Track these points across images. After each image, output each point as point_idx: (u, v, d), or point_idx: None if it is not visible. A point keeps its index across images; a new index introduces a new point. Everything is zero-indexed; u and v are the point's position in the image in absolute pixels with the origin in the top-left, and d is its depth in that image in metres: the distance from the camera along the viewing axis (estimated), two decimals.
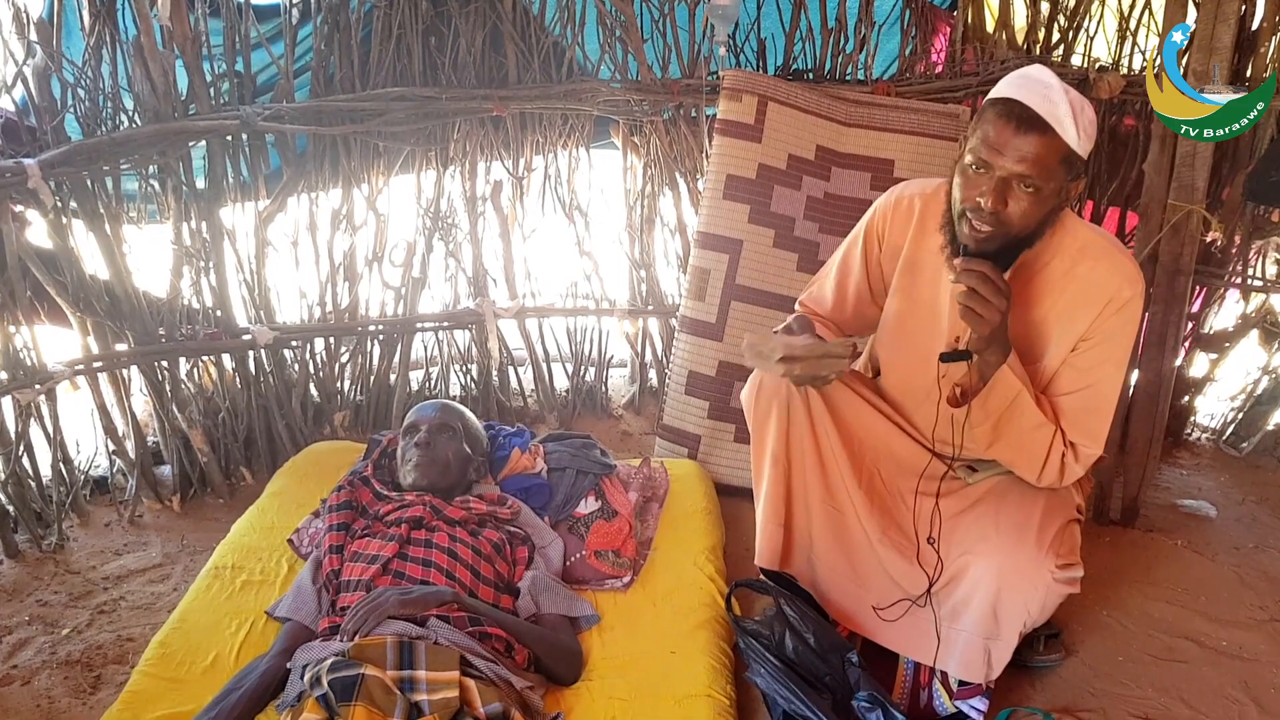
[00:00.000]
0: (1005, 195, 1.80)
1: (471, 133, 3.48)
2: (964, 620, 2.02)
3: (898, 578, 2.13)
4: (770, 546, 2.24)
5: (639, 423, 3.80)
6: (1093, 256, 1.94)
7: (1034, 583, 1.94)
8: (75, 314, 2.99)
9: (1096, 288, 1.92)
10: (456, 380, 3.78)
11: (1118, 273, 1.93)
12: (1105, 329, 1.93)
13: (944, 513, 2.10)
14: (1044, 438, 1.97)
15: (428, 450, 2.52)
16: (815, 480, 2.18)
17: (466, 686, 1.89)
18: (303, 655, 2.06)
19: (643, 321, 3.81)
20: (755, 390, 2.19)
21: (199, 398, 3.27)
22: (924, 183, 2.18)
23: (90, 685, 2.36)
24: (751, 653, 2.08)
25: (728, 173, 3.15)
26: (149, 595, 2.74)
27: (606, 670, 2.19)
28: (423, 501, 2.43)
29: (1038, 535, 1.95)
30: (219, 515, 3.17)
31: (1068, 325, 1.96)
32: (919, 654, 2.12)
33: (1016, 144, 1.77)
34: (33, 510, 2.98)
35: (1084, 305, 1.94)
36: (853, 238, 2.27)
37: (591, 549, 2.55)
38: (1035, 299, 1.99)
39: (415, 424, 2.60)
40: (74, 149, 2.83)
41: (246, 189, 3.25)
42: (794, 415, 2.15)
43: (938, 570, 2.07)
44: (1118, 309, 1.92)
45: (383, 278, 3.55)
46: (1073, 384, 1.97)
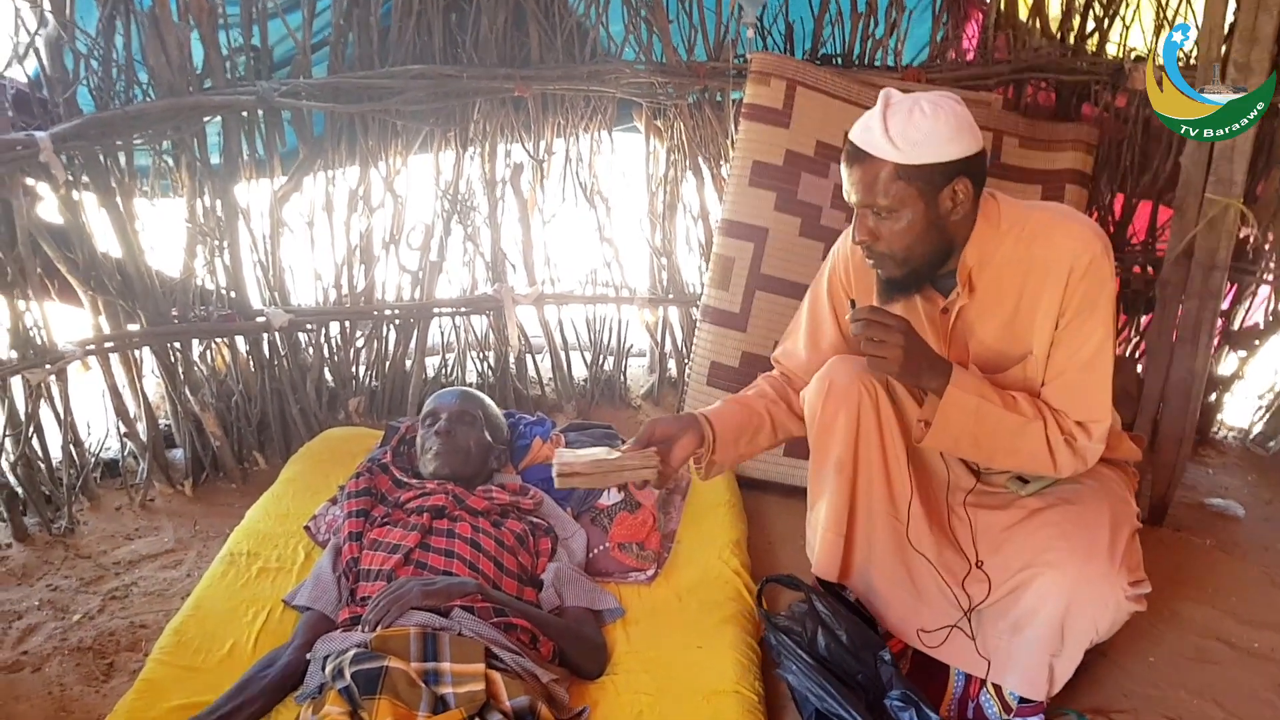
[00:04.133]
0: (868, 227, 1.89)
1: (492, 113, 3.42)
2: (1027, 634, 1.95)
3: (952, 593, 2.07)
4: (830, 557, 2.15)
5: (658, 413, 3.74)
6: (1043, 234, 1.92)
7: (1105, 599, 1.87)
8: (87, 292, 2.93)
9: (1054, 262, 1.90)
10: (473, 367, 3.72)
11: (1071, 239, 1.90)
12: (1077, 299, 1.89)
13: (997, 525, 2.04)
14: (1035, 434, 1.92)
15: (448, 439, 2.48)
16: (880, 489, 2.10)
17: (492, 679, 1.85)
18: (323, 646, 2.02)
19: (663, 310, 3.75)
20: (823, 393, 2.09)
21: (212, 380, 3.22)
22: None
23: (103, 673, 2.31)
24: (783, 649, 2.04)
25: (754, 159, 3.08)
26: (161, 581, 2.69)
27: (631, 665, 2.15)
28: (445, 490, 2.38)
29: (1109, 549, 1.88)
30: (232, 500, 3.12)
31: (1040, 309, 1.93)
32: (972, 666, 2.06)
33: (849, 177, 1.88)
34: (42, 493, 2.92)
35: (1048, 283, 1.91)
36: (816, 293, 2.26)
37: (615, 541, 2.50)
38: (1002, 295, 1.96)
39: (435, 412, 2.55)
40: (87, 122, 2.76)
41: (262, 166, 3.19)
42: (864, 422, 2.06)
43: (987, 591, 2.01)
44: (1082, 274, 1.88)
45: (400, 261, 3.49)
46: (1065, 362, 1.93)
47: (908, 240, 1.88)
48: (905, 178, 1.83)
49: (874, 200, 1.85)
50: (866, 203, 1.86)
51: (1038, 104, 3.32)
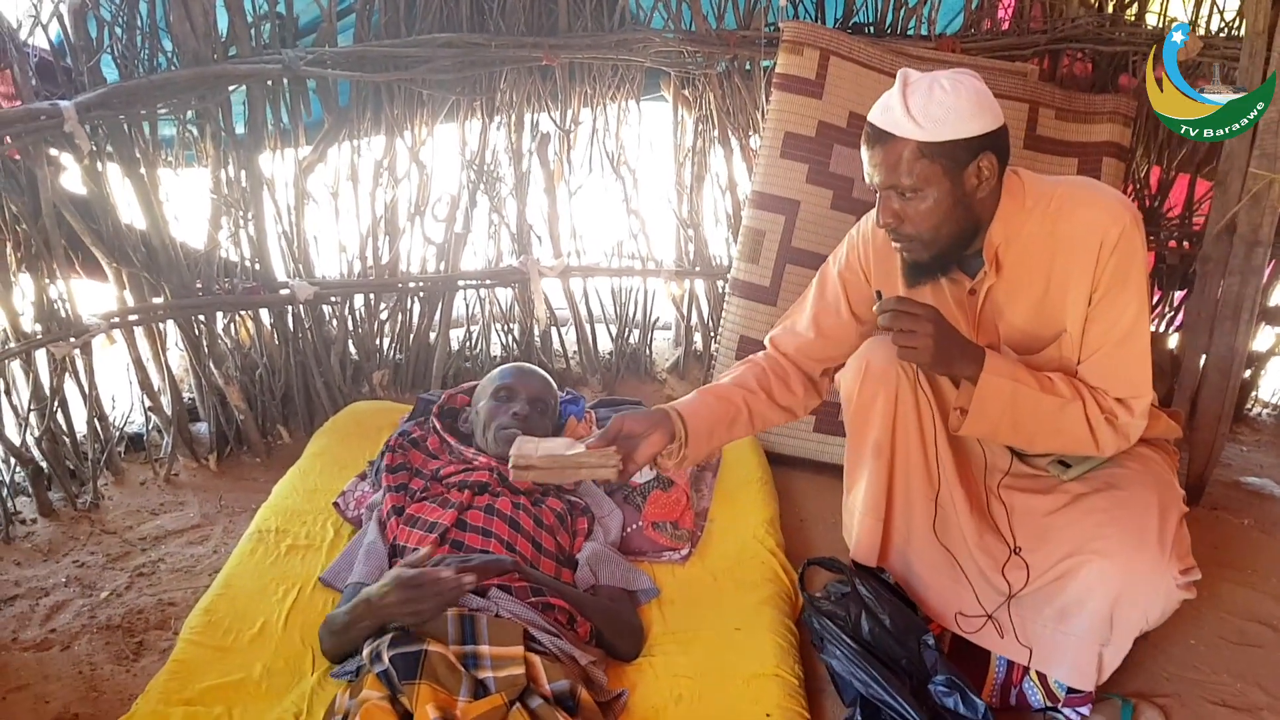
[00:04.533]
0: (893, 209, 1.85)
1: (518, 82, 3.36)
2: (1074, 624, 1.91)
3: (991, 577, 2.03)
4: (869, 542, 2.12)
5: (683, 388, 3.70)
6: (1070, 208, 1.88)
7: (1156, 588, 1.83)
8: (111, 265, 2.89)
9: (1083, 237, 1.85)
10: (497, 340, 3.69)
11: (1099, 214, 1.86)
12: (1109, 273, 1.84)
13: (1039, 510, 2.00)
14: (1074, 414, 1.87)
15: (525, 424, 2.42)
16: (919, 473, 2.06)
17: (531, 662, 1.82)
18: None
19: (689, 283, 3.70)
20: (861, 374, 2.05)
21: (236, 353, 3.19)
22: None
23: (133, 651, 2.29)
24: (827, 634, 2.01)
25: (786, 130, 3.02)
26: (188, 557, 2.67)
27: (669, 646, 2.12)
28: (489, 467, 2.34)
29: (1159, 537, 1.83)
30: (256, 475, 3.10)
31: (1071, 286, 1.88)
32: (1013, 653, 2.03)
33: (871, 159, 1.84)
34: (67, 468, 2.90)
35: (1078, 260, 1.86)
36: (826, 274, 2.21)
37: (649, 520, 2.47)
38: (1031, 273, 1.92)
39: (513, 389, 2.48)
40: (111, 91, 2.71)
41: (286, 136, 3.14)
42: (902, 404, 2.02)
43: (1025, 578, 1.97)
44: (1112, 247, 1.83)
45: (425, 233, 3.44)
46: (1100, 338, 1.89)
47: (934, 220, 1.84)
48: (929, 155, 1.79)
49: (898, 181, 1.81)
50: (890, 184, 1.82)
51: (1074, 75, 3.25)
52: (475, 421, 2.51)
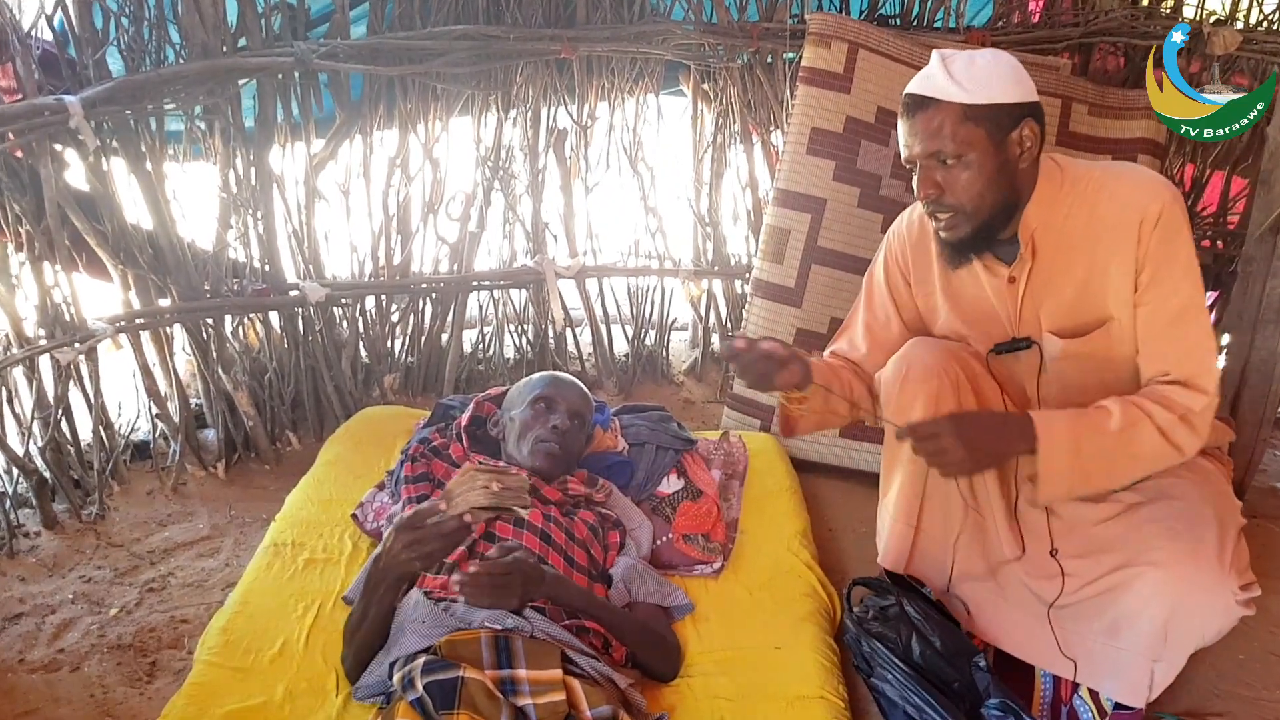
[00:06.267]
0: (934, 179, 1.81)
1: (535, 76, 3.27)
2: (1126, 638, 1.83)
3: (1033, 585, 1.96)
4: (899, 548, 2.06)
5: (701, 390, 3.64)
6: (1109, 189, 1.83)
7: (1214, 604, 1.75)
8: (117, 266, 2.80)
9: (1123, 216, 1.80)
10: (511, 342, 3.62)
11: (1137, 191, 1.81)
12: (1154, 253, 1.78)
13: (1089, 519, 1.92)
14: (1146, 434, 1.78)
15: (563, 437, 2.32)
16: (959, 480, 1.99)
17: (571, 687, 1.74)
18: (393, 647, 1.89)
19: (707, 283, 3.62)
20: (900, 377, 1.98)
21: (245, 357, 3.11)
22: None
23: (146, 673, 2.20)
24: (878, 657, 1.93)
25: (812, 125, 2.94)
26: (199, 571, 2.58)
27: (707, 666, 2.04)
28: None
29: (1218, 550, 1.75)
30: (266, 483, 3.02)
31: (1115, 268, 1.82)
32: (1056, 666, 1.95)
33: (912, 129, 1.80)
34: (71, 478, 2.81)
35: (1119, 240, 1.80)
36: (872, 282, 2.17)
37: (679, 532, 2.39)
38: (1071, 258, 1.86)
39: (553, 400, 2.37)
40: (118, 86, 2.62)
41: (297, 131, 3.05)
42: (942, 406, 1.94)
43: (1060, 586, 1.90)
44: (1154, 225, 1.77)
45: (438, 232, 3.36)
46: (1153, 320, 1.82)
47: (977, 188, 1.79)
48: (974, 118, 1.76)
49: (941, 146, 1.77)
50: (933, 150, 1.78)
51: (1107, 69, 3.18)
52: (508, 430, 2.40)
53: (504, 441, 2.41)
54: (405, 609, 1.91)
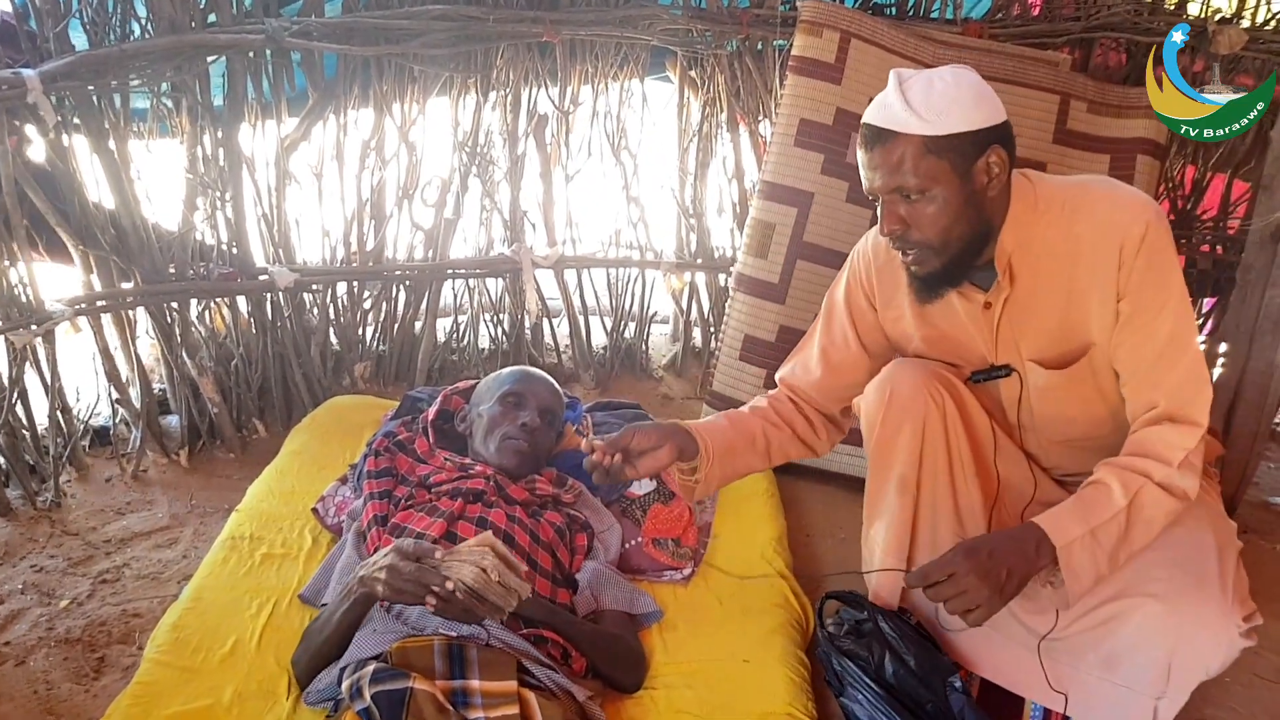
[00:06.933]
0: (898, 214, 1.70)
1: (516, 59, 3.18)
2: (1125, 673, 1.74)
3: (1024, 618, 1.87)
4: (891, 585, 1.96)
5: (680, 385, 3.57)
6: (1085, 209, 1.73)
7: (1219, 638, 1.66)
8: (78, 247, 2.72)
9: (1102, 239, 1.69)
10: (486, 332, 3.54)
11: (1116, 212, 1.70)
12: (1136, 278, 1.68)
13: None
14: (1152, 498, 1.68)
15: (532, 436, 2.26)
16: (946, 509, 1.90)
17: (526, 700, 1.66)
18: (350, 647, 1.81)
19: (690, 276, 3.55)
20: (884, 403, 1.89)
21: (211, 343, 3.03)
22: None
23: (93, 669, 2.13)
24: (848, 676, 1.86)
25: (801, 117, 2.85)
26: (155, 563, 2.50)
27: (672, 678, 1.97)
28: (485, 475, 2.17)
29: (1220, 579, 1.68)
30: (230, 471, 2.95)
31: (1094, 294, 1.72)
32: (1045, 699, 1.87)
33: (871, 162, 1.70)
34: (26, 464, 2.73)
35: (1099, 264, 1.70)
36: (831, 304, 2.06)
37: (649, 536, 2.32)
38: (1050, 283, 1.76)
39: (522, 397, 2.31)
40: (79, 60, 2.54)
41: (268, 110, 2.96)
42: (929, 435, 1.86)
43: (1055, 620, 1.81)
44: (1136, 248, 1.67)
45: (413, 218, 3.28)
46: (1143, 355, 1.72)
47: (944, 222, 1.68)
48: (936, 151, 1.64)
49: (903, 182, 1.66)
50: (894, 186, 1.67)
51: (1108, 65, 3.09)
52: (475, 425, 2.33)
53: (471, 438, 2.34)
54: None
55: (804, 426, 2.04)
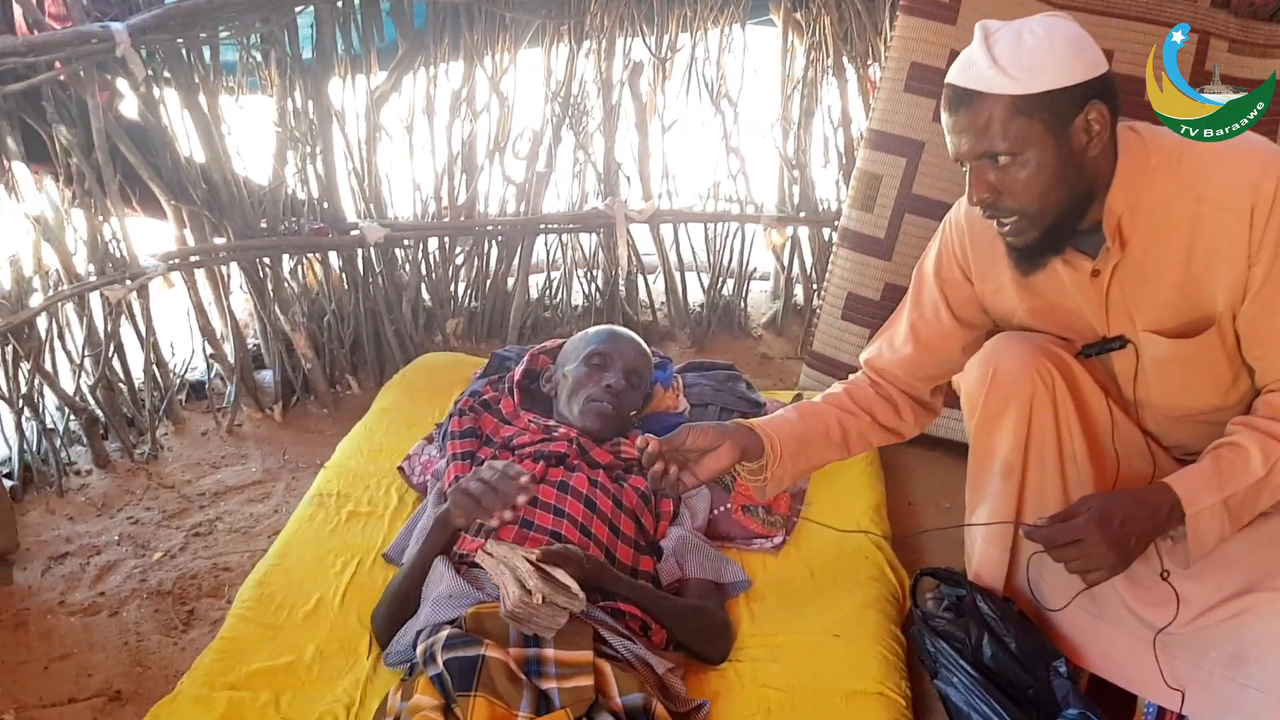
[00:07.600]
0: (988, 182, 1.57)
1: (610, 4, 3.09)
2: (1254, 674, 1.58)
3: (1139, 611, 1.73)
4: (992, 574, 1.85)
5: (780, 345, 3.46)
6: (1208, 165, 1.56)
7: None
8: (170, 202, 2.74)
9: (1228, 198, 1.53)
10: (580, 288, 3.49)
11: (1243, 168, 1.53)
12: (1271, 239, 1.51)
13: None
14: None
15: (618, 398, 2.20)
16: (1054, 494, 1.76)
17: (601, 670, 1.61)
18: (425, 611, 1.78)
19: (792, 230, 3.43)
20: (986, 382, 1.75)
21: (303, 298, 3.05)
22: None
23: (183, 621, 2.17)
24: (943, 658, 1.74)
25: (912, 60, 2.71)
26: (247, 517, 2.53)
27: (758, 651, 1.88)
28: (569, 438, 2.11)
29: None
30: (322, 427, 2.96)
31: (1219, 259, 1.56)
32: (1160, 697, 1.72)
33: (956, 126, 1.57)
34: (124, 416, 2.79)
35: (1225, 226, 1.53)
36: (920, 277, 1.91)
37: (739, 502, 2.22)
38: (1166, 248, 1.59)
39: (608, 356, 2.25)
40: (167, 13, 2.55)
41: (357, 62, 2.94)
42: (1037, 418, 1.73)
43: (1174, 614, 1.66)
44: (1268, 209, 1.50)
45: (504, 171, 3.23)
46: (1274, 321, 1.56)
47: (1039, 188, 1.54)
48: (1027, 111, 1.49)
49: (991, 146, 1.53)
50: (982, 151, 1.54)
51: (1253, 1, 2.82)
52: (560, 386, 2.28)
53: (555, 399, 2.29)
54: (432, 579, 1.81)
55: (886, 411, 1.92)
